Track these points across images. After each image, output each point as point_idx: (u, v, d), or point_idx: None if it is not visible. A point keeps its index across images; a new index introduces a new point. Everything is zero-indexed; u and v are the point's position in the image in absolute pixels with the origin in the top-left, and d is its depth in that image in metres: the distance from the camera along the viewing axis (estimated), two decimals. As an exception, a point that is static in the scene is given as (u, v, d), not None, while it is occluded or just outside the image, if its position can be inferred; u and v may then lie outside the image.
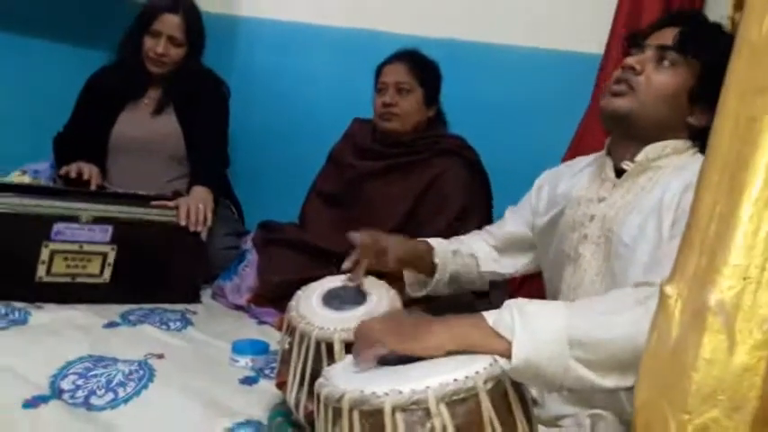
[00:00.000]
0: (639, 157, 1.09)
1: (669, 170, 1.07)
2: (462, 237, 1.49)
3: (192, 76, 2.08)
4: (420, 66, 1.89)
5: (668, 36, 1.09)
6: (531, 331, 0.81)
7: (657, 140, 1.10)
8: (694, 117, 1.09)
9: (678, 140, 1.10)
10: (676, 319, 0.53)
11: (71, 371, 1.26)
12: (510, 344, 0.81)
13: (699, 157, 1.08)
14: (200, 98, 2.10)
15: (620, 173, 1.13)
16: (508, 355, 0.80)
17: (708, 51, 1.05)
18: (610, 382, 0.82)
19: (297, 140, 2.53)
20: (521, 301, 0.86)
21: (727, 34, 1.12)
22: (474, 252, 1.42)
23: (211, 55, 2.18)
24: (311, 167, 2.07)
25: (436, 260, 1.38)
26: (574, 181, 1.24)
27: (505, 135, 2.05)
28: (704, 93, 1.06)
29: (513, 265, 1.42)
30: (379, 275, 1.28)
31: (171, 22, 2.01)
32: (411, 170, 1.83)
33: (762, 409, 0.49)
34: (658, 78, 1.08)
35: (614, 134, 1.16)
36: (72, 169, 1.94)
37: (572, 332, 0.81)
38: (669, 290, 0.54)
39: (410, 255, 1.36)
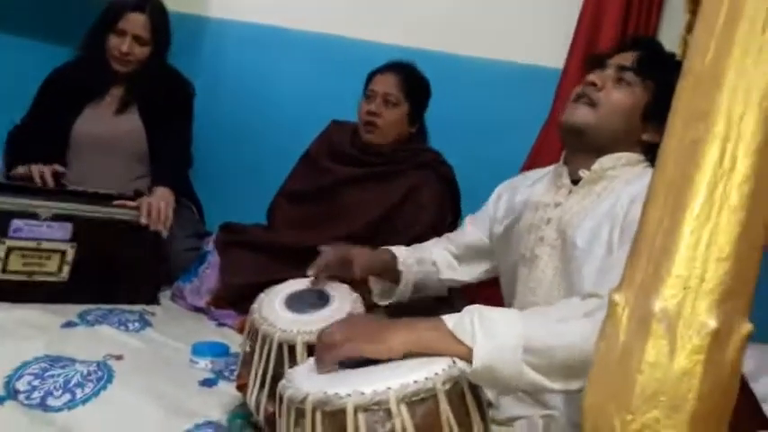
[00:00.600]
0: (595, 166, 1.16)
1: (622, 181, 1.13)
2: (424, 244, 1.53)
3: (156, 76, 2.06)
4: (411, 81, 1.90)
5: (628, 58, 1.17)
6: (492, 337, 0.85)
7: (612, 153, 1.16)
8: (647, 134, 1.17)
9: (632, 153, 1.16)
10: (623, 326, 0.57)
11: (27, 371, 1.25)
12: (469, 348, 0.84)
13: (648, 171, 1.15)
14: (164, 97, 2.08)
15: (576, 181, 1.19)
16: (467, 359, 0.84)
17: (662, 75, 1.13)
18: (558, 385, 0.87)
19: (260, 142, 2.53)
20: (481, 307, 0.90)
21: (678, 62, 1.20)
22: (435, 260, 1.46)
23: (178, 54, 2.17)
24: (274, 169, 2.07)
25: (401, 268, 1.41)
26: (532, 189, 1.30)
27: (466, 146, 2.09)
28: (657, 112, 1.13)
29: (470, 273, 1.47)
30: (344, 282, 1.30)
31: (136, 21, 1.99)
32: (387, 179, 1.85)
33: (699, 410, 0.53)
34: (616, 95, 1.16)
35: (571, 146, 1.22)
36: (34, 172, 1.88)
37: (527, 340, 0.85)
38: (617, 298, 0.58)
39: (375, 264, 1.40)
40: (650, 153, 1.16)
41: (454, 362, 0.84)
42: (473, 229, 1.45)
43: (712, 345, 0.52)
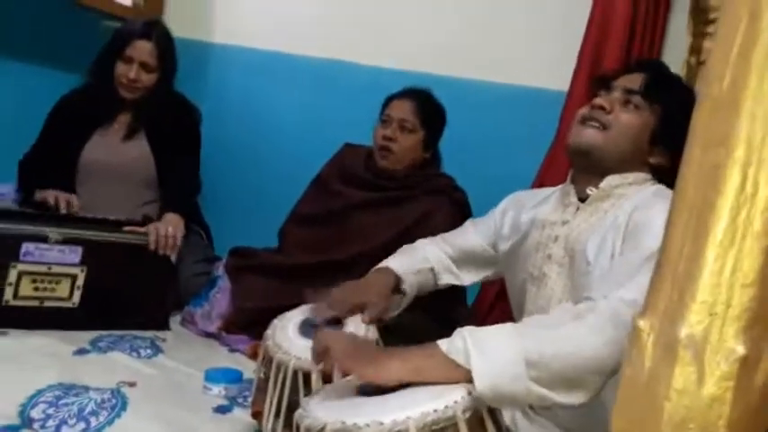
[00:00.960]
0: (603, 184, 1.16)
1: (629, 199, 1.13)
2: (420, 245, 1.48)
3: (163, 102, 2.08)
4: (427, 108, 1.91)
5: (635, 81, 1.18)
6: (489, 356, 0.84)
7: (619, 173, 1.16)
8: (654, 157, 1.17)
9: (640, 173, 1.17)
10: (649, 352, 0.57)
11: (41, 399, 1.24)
12: (467, 371, 0.84)
13: (651, 186, 1.16)
14: (172, 124, 2.10)
15: (583, 199, 1.19)
16: (468, 382, 0.83)
17: (669, 99, 1.15)
18: (562, 397, 0.86)
19: (266, 166, 2.55)
20: (471, 327, 0.90)
21: (685, 85, 1.25)
22: (433, 266, 1.43)
23: (184, 80, 2.19)
24: (280, 193, 2.08)
25: (404, 287, 1.39)
26: (538, 209, 1.29)
27: (474, 168, 2.10)
28: (664, 135, 1.15)
29: (471, 278, 1.46)
30: None
31: (143, 49, 2.02)
32: (400, 204, 1.85)
33: (728, 437, 0.53)
34: (625, 117, 1.16)
35: (579, 166, 1.22)
36: (49, 197, 1.90)
37: (526, 353, 0.85)
38: (642, 323, 0.58)
39: (387, 303, 1.33)
40: (657, 175, 1.17)
41: (471, 389, 0.84)
42: (475, 236, 1.43)
43: (741, 371, 0.52)
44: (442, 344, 0.88)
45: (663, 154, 1.16)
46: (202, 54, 2.62)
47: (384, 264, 1.40)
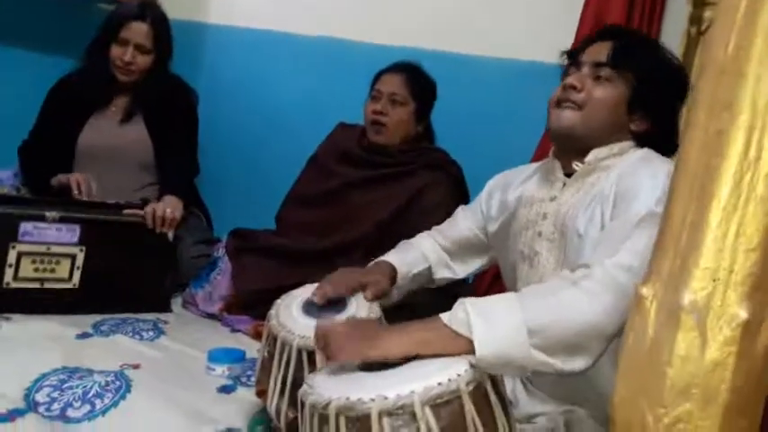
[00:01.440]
0: (589, 157, 1.14)
1: (616, 169, 1.12)
2: (416, 241, 1.47)
3: (160, 84, 2.07)
4: (416, 80, 1.91)
5: (602, 51, 1.16)
6: (492, 324, 0.85)
7: (603, 145, 1.15)
8: (634, 124, 1.16)
9: (624, 143, 1.15)
10: (652, 319, 0.57)
11: (45, 383, 1.24)
12: (469, 341, 0.84)
13: (636, 151, 1.14)
14: (169, 106, 2.08)
15: (569, 174, 1.18)
16: (470, 351, 0.84)
17: (639, 64, 1.13)
18: (562, 363, 0.87)
19: (264, 147, 2.54)
20: (470, 298, 0.91)
21: (655, 45, 1.22)
22: (429, 261, 1.43)
23: (179, 61, 2.17)
24: (278, 174, 2.08)
25: (399, 281, 1.37)
26: (525, 186, 1.28)
27: (474, 144, 2.09)
28: (640, 102, 1.14)
29: (465, 269, 1.45)
30: None
31: (138, 30, 2.00)
32: (395, 180, 1.85)
33: (732, 401, 0.53)
34: (598, 93, 1.14)
35: (563, 147, 1.21)
36: (68, 180, 1.90)
37: (528, 320, 0.86)
38: (645, 291, 0.58)
39: (385, 291, 1.32)
40: (641, 140, 1.16)
41: (475, 361, 0.84)
42: (465, 223, 1.42)
43: (744, 336, 0.52)
44: (444, 316, 0.88)
45: (643, 119, 1.15)
46: (198, 35, 2.60)
47: (383, 258, 1.39)
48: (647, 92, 1.13)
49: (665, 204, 0.59)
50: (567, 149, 1.19)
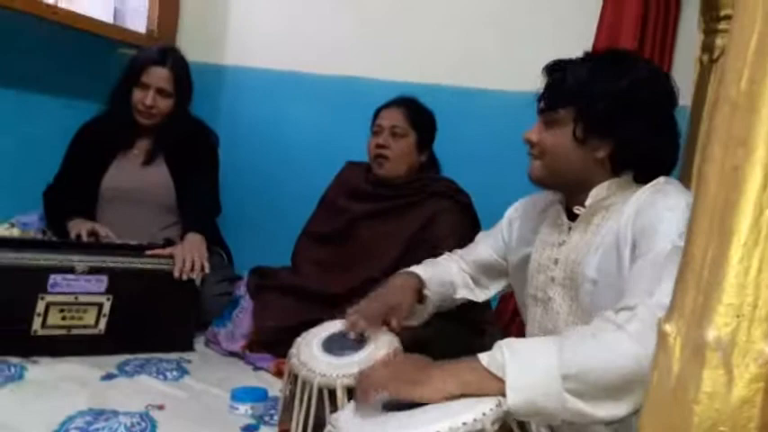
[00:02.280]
0: (588, 201, 1.13)
1: (619, 205, 1.11)
2: (440, 260, 1.49)
3: (181, 126, 2.11)
4: (415, 112, 1.95)
5: (544, 97, 1.15)
6: (522, 368, 0.84)
7: (591, 185, 1.13)
8: (597, 152, 1.12)
9: (617, 178, 1.13)
10: (676, 356, 0.56)
11: (72, 426, 1.25)
12: (504, 383, 0.84)
13: (638, 186, 1.11)
14: (191, 148, 2.12)
15: (574, 216, 1.17)
16: (504, 394, 0.83)
17: (570, 95, 1.10)
18: (603, 412, 0.84)
19: (283, 186, 2.57)
20: (510, 339, 0.90)
21: (590, 60, 1.15)
22: (453, 280, 1.44)
23: (197, 103, 2.21)
24: (298, 212, 2.10)
25: (426, 292, 1.38)
26: (540, 224, 1.27)
27: (488, 176, 2.10)
28: (588, 129, 1.10)
29: (486, 294, 1.46)
30: None
31: (159, 75, 2.05)
32: (404, 212, 1.87)
33: (761, 439, 0.52)
34: (548, 141, 1.14)
35: (553, 190, 1.22)
36: (83, 232, 1.94)
37: (564, 365, 0.84)
38: (668, 328, 0.58)
39: (411, 301, 1.34)
40: (619, 167, 1.12)
41: (500, 401, 0.84)
42: (486, 248, 1.43)
43: (771, 372, 0.51)
44: (483, 357, 0.88)
45: (601, 143, 1.10)
46: (216, 77, 2.65)
47: (409, 270, 1.40)
48: (588, 116, 1.09)
49: (686, 239, 0.58)
50: (561, 192, 1.19)
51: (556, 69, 1.16)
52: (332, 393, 1.09)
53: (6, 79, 2.12)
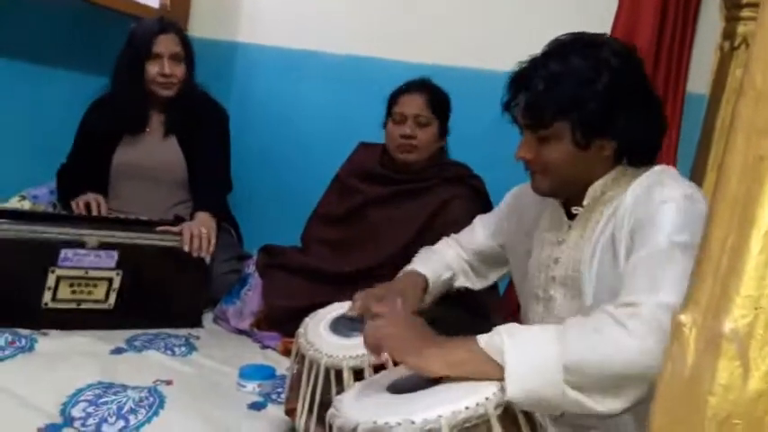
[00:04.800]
0: (586, 200, 1.11)
1: (616, 197, 1.09)
2: (440, 249, 1.46)
3: (192, 102, 2.10)
4: (436, 99, 1.91)
5: (526, 109, 1.08)
6: (522, 357, 0.84)
7: (595, 181, 1.10)
8: (603, 151, 1.08)
9: (612, 171, 1.10)
10: (691, 347, 0.56)
11: (81, 398, 1.27)
12: (502, 369, 0.83)
13: (637, 171, 1.09)
14: (202, 124, 2.11)
15: (573, 215, 1.15)
16: (502, 379, 0.83)
17: (560, 103, 1.04)
18: (601, 406, 0.84)
19: (294, 164, 2.56)
20: (510, 325, 0.89)
21: (567, 55, 1.07)
22: (453, 273, 1.42)
23: (210, 80, 2.21)
24: (308, 191, 2.09)
25: (430, 289, 1.37)
26: (538, 220, 1.25)
27: (500, 160, 2.07)
28: (590, 134, 1.05)
29: (484, 282, 1.45)
30: None
31: (169, 42, 2.02)
32: (418, 197, 1.86)
33: (776, 433, 0.51)
34: (549, 157, 1.09)
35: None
36: (80, 204, 1.97)
37: (565, 357, 0.83)
38: (683, 318, 0.57)
39: (421, 298, 1.33)
40: (622, 157, 1.09)
41: (502, 386, 0.83)
42: (484, 235, 1.41)
43: (788, 366, 0.51)
44: (482, 339, 0.87)
45: (606, 141, 1.07)
46: (228, 54, 2.64)
47: (412, 267, 1.39)
48: (585, 122, 1.04)
49: (704, 230, 0.58)
50: (563, 198, 1.17)
51: (525, 80, 1.09)
52: (338, 374, 1.09)
53: (16, 52, 2.11)
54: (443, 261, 1.42)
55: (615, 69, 1.04)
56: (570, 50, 1.07)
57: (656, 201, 0.99)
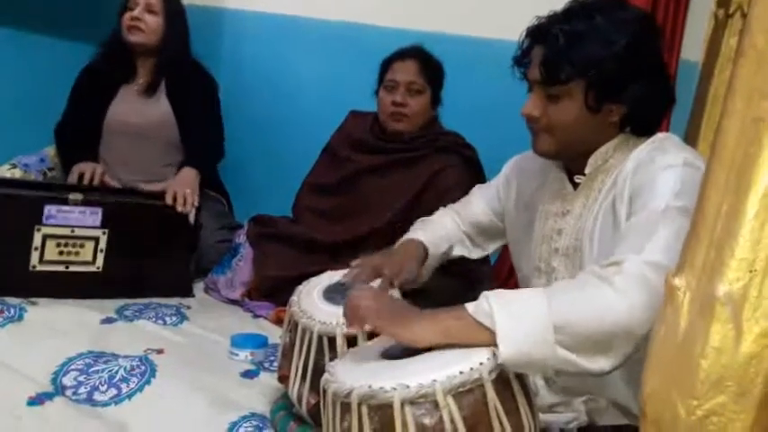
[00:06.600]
0: (588, 168, 1.11)
1: (618, 164, 1.09)
2: (438, 219, 1.46)
3: (180, 59, 2.08)
4: (429, 66, 1.89)
5: (535, 66, 1.08)
6: (513, 320, 0.84)
7: (597, 148, 1.10)
8: (611, 116, 1.08)
9: (615, 139, 1.10)
10: (684, 310, 0.56)
11: (72, 367, 1.27)
12: (493, 334, 0.84)
13: (636, 143, 1.09)
14: (191, 87, 2.10)
15: (576, 184, 1.15)
16: (493, 344, 0.83)
17: (580, 60, 1.03)
18: (590, 363, 0.85)
19: (284, 133, 2.53)
20: (497, 290, 0.89)
21: (589, 16, 1.05)
22: (451, 241, 1.42)
23: (199, 47, 2.17)
24: (299, 160, 2.08)
25: (429, 260, 1.37)
26: (541, 191, 1.24)
27: (494, 129, 2.07)
28: (602, 96, 1.05)
29: (480, 252, 1.45)
30: None
31: None
32: (410, 166, 1.84)
33: (767, 394, 0.52)
34: (557, 116, 1.08)
35: (557, 160, 1.18)
36: (75, 173, 1.97)
37: (553, 316, 0.84)
38: (677, 282, 0.57)
39: (409, 275, 1.29)
40: (626, 125, 1.09)
41: (495, 351, 0.84)
42: (481, 206, 1.40)
43: (781, 328, 0.51)
44: (469, 306, 0.88)
45: (617, 106, 1.07)
46: (216, 20, 2.59)
47: (412, 235, 1.38)
48: (601, 84, 1.04)
49: (700, 193, 0.57)
50: (564, 161, 1.16)
51: (544, 34, 1.08)
52: (332, 341, 1.09)
53: (4, 19, 2.07)
54: (442, 232, 1.42)
55: (637, 34, 1.04)
56: (595, 10, 1.06)
57: (657, 167, 1.00)
